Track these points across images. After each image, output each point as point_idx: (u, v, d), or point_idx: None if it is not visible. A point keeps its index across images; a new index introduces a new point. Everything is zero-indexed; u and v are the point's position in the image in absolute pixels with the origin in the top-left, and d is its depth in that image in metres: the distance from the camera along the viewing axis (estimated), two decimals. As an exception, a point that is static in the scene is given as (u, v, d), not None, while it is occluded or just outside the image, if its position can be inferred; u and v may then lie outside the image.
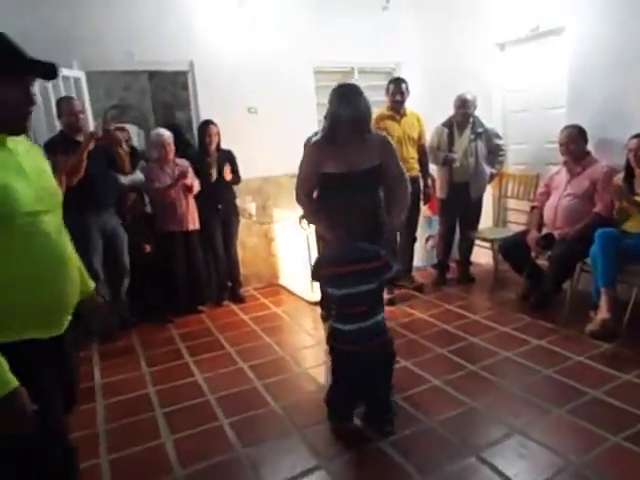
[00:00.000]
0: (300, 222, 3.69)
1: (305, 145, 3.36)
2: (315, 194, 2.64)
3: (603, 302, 3.01)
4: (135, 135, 6.50)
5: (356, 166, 2.45)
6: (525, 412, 2.33)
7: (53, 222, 1.31)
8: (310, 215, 2.67)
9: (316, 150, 2.53)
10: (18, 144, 1.29)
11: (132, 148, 4.24)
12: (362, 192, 2.45)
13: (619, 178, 3.20)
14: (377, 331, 2.19)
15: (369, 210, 2.50)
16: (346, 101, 2.40)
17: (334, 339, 2.22)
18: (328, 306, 3.11)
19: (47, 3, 3.62)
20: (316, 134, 3.52)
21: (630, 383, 2.50)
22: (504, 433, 2.18)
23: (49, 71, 1.29)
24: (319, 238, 3.12)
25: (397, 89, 3.84)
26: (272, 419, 2.43)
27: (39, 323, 1.27)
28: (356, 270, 2.09)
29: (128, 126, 5.94)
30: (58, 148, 3.04)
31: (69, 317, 1.39)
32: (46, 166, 1.40)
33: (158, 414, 2.53)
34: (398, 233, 3.95)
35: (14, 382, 1.13)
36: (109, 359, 3.23)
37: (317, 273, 2.25)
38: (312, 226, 3.37)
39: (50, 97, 3.50)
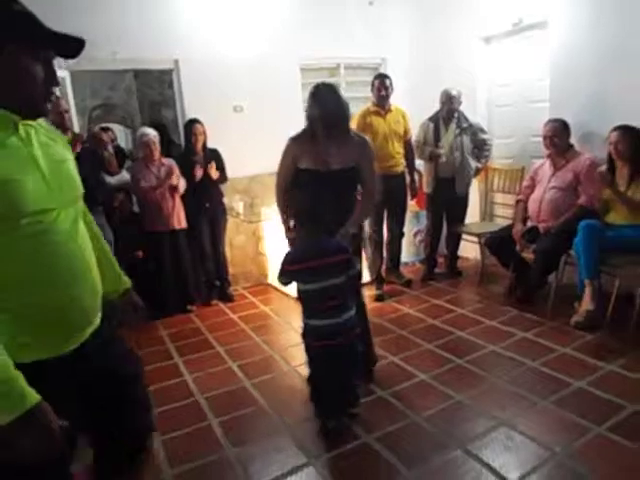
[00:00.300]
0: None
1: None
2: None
3: (587, 293, 3.05)
4: (122, 134, 6.49)
5: (332, 165, 2.45)
6: (511, 404, 2.36)
7: (68, 219, 1.16)
8: (282, 212, 2.64)
9: (294, 145, 2.53)
10: (36, 131, 1.15)
11: (118, 148, 4.21)
12: (336, 191, 2.44)
13: (602, 169, 3.24)
14: (351, 325, 2.23)
15: (342, 209, 2.47)
16: (319, 101, 2.41)
17: (308, 336, 2.25)
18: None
19: (31, 2, 3.57)
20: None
21: (613, 373, 2.54)
22: (490, 426, 2.21)
23: (74, 47, 1.13)
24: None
25: (381, 85, 3.85)
26: (261, 418, 2.44)
27: (51, 336, 1.13)
28: (323, 264, 2.13)
29: (114, 125, 5.92)
30: None
31: (91, 327, 1.23)
32: (69, 156, 1.27)
33: (147, 415, 2.53)
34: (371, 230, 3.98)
35: (35, 396, 0.99)
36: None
37: (284, 271, 2.24)
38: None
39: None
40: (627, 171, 3.10)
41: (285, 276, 2.27)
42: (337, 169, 2.45)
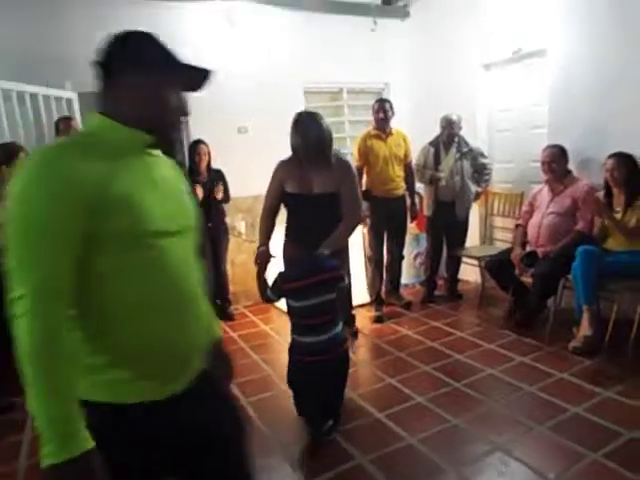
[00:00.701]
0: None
1: None
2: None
3: (585, 319, 3.06)
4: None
5: (315, 189, 2.58)
6: (507, 429, 2.35)
7: (184, 248, 1.11)
8: (261, 231, 2.76)
9: (282, 169, 2.67)
10: (157, 159, 1.14)
11: None
12: (319, 214, 2.55)
13: (599, 196, 3.28)
14: (340, 341, 2.32)
15: (326, 231, 2.52)
16: (300, 129, 2.55)
17: (297, 352, 2.33)
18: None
19: (41, 25, 3.70)
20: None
21: (610, 399, 2.53)
22: (485, 450, 2.20)
23: (202, 78, 1.15)
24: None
25: (380, 108, 3.93)
26: (256, 436, 2.42)
27: (151, 374, 1.05)
28: (317, 281, 2.22)
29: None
30: None
31: (194, 371, 1.14)
32: (185, 188, 1.23)
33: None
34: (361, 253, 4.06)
35: (90, 443, 0.91)
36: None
37: (281, 289, 2.31)
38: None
39: (41, 117, 3.55)
40: (623, 197, 3.14)
41: (276, 293, 2.34)
42: (318, 193, 2.58)
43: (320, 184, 2.56)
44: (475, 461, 2.13)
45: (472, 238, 4.44)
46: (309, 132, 2.51)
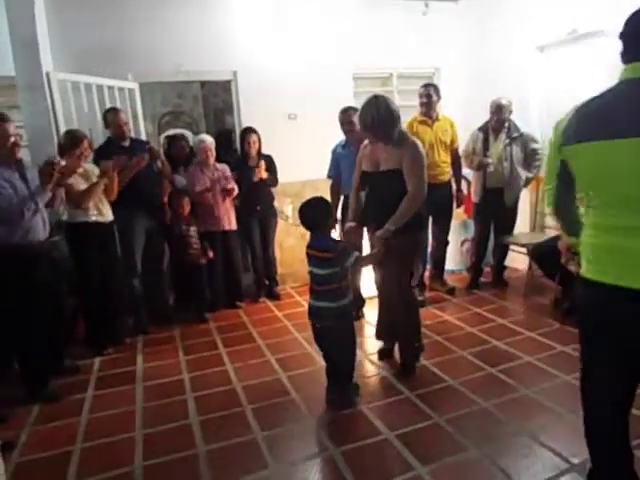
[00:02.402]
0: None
1: (332, 151, 3.83)
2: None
3: (632, 310, 2.94)
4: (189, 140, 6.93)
5: (382, 166, 2.74)
6: (536, 415, 2.36)
7: None
8: (350, 207, 3.02)
9: (362, 150, 2.91)
10: None
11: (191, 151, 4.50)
12: (381, 190, 2.72)
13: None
14: (339, 313, 2.51)
15: (388, 208, 2.65)
16: (363, 111, 2.69)
17: (308, 313, 2.62)
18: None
19: (105, 23, 3.99)
20: (341, 143, 3.72)
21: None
22: (511, 433, 2.23)
23: None
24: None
25: (424, 92, 3.91)
26: (291, 408, 2.60)
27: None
28: (317, 256, 2.50)
29: (181, 130, 6.34)
30: (108, 153, 3.38)
31: None
32: None
33: (189, 397, 2.76)
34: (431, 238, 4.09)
35: None
36: (151, 347, 3.52)
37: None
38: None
39: (107, 106, 3.84)
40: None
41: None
42: (384, 170, 2.72)
43: (385, 161, 2.72)
44: (499, 442, 2.17)
45: (522, 225, 4.35)
46: (372, 112, 2.65)
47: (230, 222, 4.08)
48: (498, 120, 3.97)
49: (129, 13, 4.05)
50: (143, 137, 4.24)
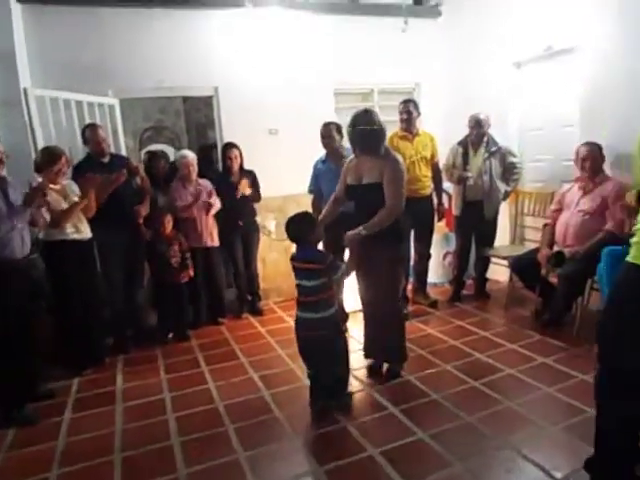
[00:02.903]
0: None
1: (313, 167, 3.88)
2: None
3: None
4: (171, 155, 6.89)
5: (364, 179, 2.84)
6: (519, 428, 2.36)
7: None
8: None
9: (347, 164, 3.02)
10: None
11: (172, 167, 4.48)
12: (364, 202, 2.81)
13: (631, 194, 3.19)
14: (322, 325, 2.55)
15: (369, 220, 2.71)
16: (349, 125, 2.83)
17: (296, 325, 2.66)
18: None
19: (85, 39, 3.98)
20: (322, 158, 3.75)
21: None
22: (495, 447, 2.23)
23: None
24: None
25: (404, 108, 3.98)
26: (274, 426, 2.56)
27: None
28: (304, 267, 2.54)
29: (162, 146, 6.31)
30: (86, 170, 3.34)
31: None
32: None
33: (170, 418, 2.71)
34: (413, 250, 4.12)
35: None
36: (131, 366, 3.45)
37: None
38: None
39: (86, 122, 3.81)
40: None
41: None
42: (365, 183, 2.82)
43: (368, 175, 2.81)
44: (483, 457, 2.17)
45: (502, 238, 4.40)
46: (360, 127, 2.77)
47: (212, 238, 4.05)
48: (477, 134, 4.04)
49: (109, 29, 4.04)
50: (123, 153, 4.20)
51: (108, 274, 3.53)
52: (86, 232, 3.27)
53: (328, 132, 3.70)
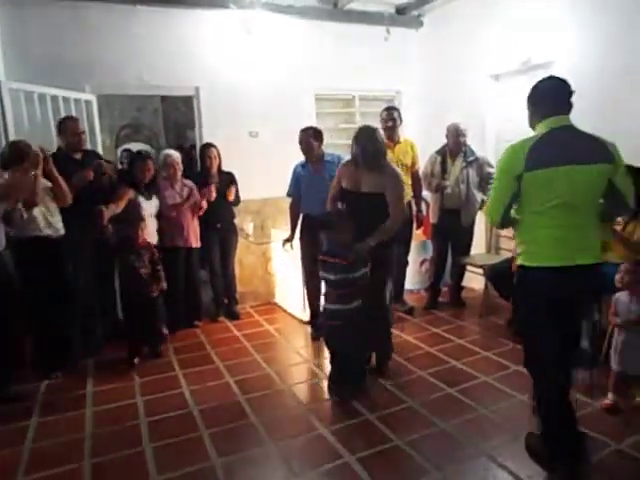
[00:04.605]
0: (283, 245, 3.89)
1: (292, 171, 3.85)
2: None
3: (583, 330, 3.06)
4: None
5: (363, 188, 2.96)
6: (493, 436, 2.40)
7: None
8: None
9: (342, 168, 3.13)
10: None
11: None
12: (364, 210, 2.88)
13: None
14: (345, 315, 2.76)
15: (368, 225, 2.84)
16: (358, 141, 2.95)
17: (324, 316, 2.90)
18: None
19: (64, 33, 3.88)
20: (302, 162, 3.74)
21: (600, 411, 2.55)
22: (470, 455, 2.25)
23: None
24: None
25: (388, 116, 4.01)
26: (250, 432, 2.53)
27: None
28: (328, 261, 2.76)
29: (140, 145, 6.22)
30: (55, 165, 3.18)
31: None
32: None
33: (142, 422, 2.65)
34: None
35: None
36: (102, 369, 3.36)
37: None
38: (294, 248, 3.87)
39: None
40: (626, 211, 3.13)
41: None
42: (366, 192, 2.95)
43: (368, 185, 2.95)
44: (459, 465, 2.19)
45: (478, 246, 4.47)
46: (367, 145, 2.91)
47: (196, 239, 4.01)
48: (455, 144, 4.09)
49: (88, 23, 3.96)
50: (100, 150, 4.11)
51: (80, 274, 3.43)
52: (59, 228, 3.17)
53: (305, 138, 3.69)
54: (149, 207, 3.74)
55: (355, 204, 2.97)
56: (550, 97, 2.11)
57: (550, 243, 1.99)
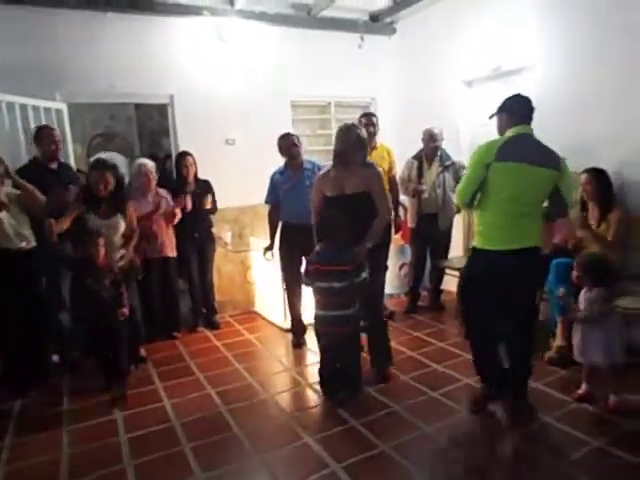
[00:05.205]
0: (264, 254, 3.85)
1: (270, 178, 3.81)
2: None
3: (559, 330, 3.13)
4: (121, 164, 6.64)
5: (347, 190, 2.92)
6: (475, 438, 2.42)
7: None
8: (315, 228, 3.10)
9: (320, 179, 3.09)
10: None
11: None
12: (351, 212, 2.83)
13: (576, 210, 3.37)
14: (342, 321, 2.78)
15: (358, 228, 2.81)
16: (336, 139, 2.96)
17: (316, 323, 2.87)
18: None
19: (33, 39, 3.79)
20: (280, 169, 3.73)
21: (580, 409, 2.59)
22: (456, 459, 2.26)
23: None
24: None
25: (369, 121, 4.02)
26: (233, 444, 2.48)
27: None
28: (332, 270, 2.73)
29: (113, 154, 6.08)
30: (33, 175, 3.12)
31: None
32: None
33: (122, 439, 2.58)
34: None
35: None
36: (79, 385, 3.26)
37: (306, 270, 2.84)
38: (275, 257, 3.81)
39: (31, 127, 3.62)
40: (597, 211, 3.23)
41: (307, 277, 2.84)
42: (351, 193, 2.91)
43: (353, 185, 2.91)
44: (446, 469, 2.19)
45: (456, 249, 4.52)
46: (342, 141, 2.91)
47: (172, 248, 3.94)
48: (431, 148, 4.14)
49: (58, 29, 3.87)
50: (71, 160, 4.01)
51: (54, 288, 3.33)
52: (30, 240, 3.07)
53: (293, 143, 3.69)
54: (104, 228, 3.19)
55: (342, 208, 2.90)
56: (518, 110, 2.61)
57: (498, 230, 2.47)
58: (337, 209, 2.91)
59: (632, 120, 3.24)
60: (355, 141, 2.91)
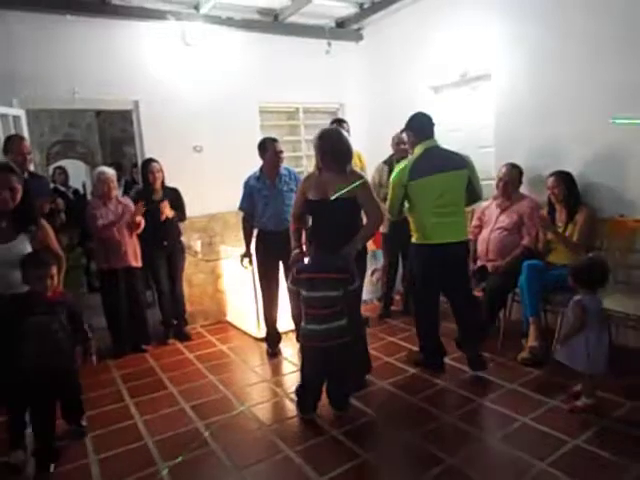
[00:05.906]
0: (241, 261, 3.75)
1: (244, 184, 3.69)
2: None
3: (531, 331, 3.18)
4: (81, 171, 6.42)
5: (327, 194, 2.83)
6: (459, 443, 2.40)
7: None
8: (293, 234, 3.01)
9: (304, 182, 3.03)
10: None
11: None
12: (335, 217, 2.81)
13: (543, 212, 3.45)
14: (339, 333, 2.60)
15: (343, 232, 2.79)
16: (322, 143, 2.85)
17: (303, 338, 2.68)
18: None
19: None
20: (255, 174, 3.67)
21: (556, 409, 2.63)
22: (435, 463, 2.24)
23: None
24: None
25: (341, 128, 3.99)
26: (211, 460, 2.40)
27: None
28: (325, 278, 2.59)
29: (75, 162, 5.89)
30: None
31: None
32: None
33: (92, 461, 2.45)
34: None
35: None
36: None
37: (293, 279, 2.70)
38: (253, 265, 3.71)
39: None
40: (564, 213, 3.31)
41: (294, 283, 2.71)
42: (335, 198, 2.82)
43: (335, 190, 2.80)
44: (428, 477, 2.17)
45: (427, 253, 4.54)
46: (338, 145, 2.83)
47: (136, 258, 3.80)
48: (401, 153, 4.16)
49: (13, 33, 3.70)
50: (31, 168, 3.83)
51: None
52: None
53: (280, 148, 3.62)
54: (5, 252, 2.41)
55: (325, 213, 2.85)
56: (421, 127, 3.05)
57: (431, 228, 2.99)
58: (319, 217, 2.86)
59: (592, 122, 3.33)
60: (349, 147, 2.88)
